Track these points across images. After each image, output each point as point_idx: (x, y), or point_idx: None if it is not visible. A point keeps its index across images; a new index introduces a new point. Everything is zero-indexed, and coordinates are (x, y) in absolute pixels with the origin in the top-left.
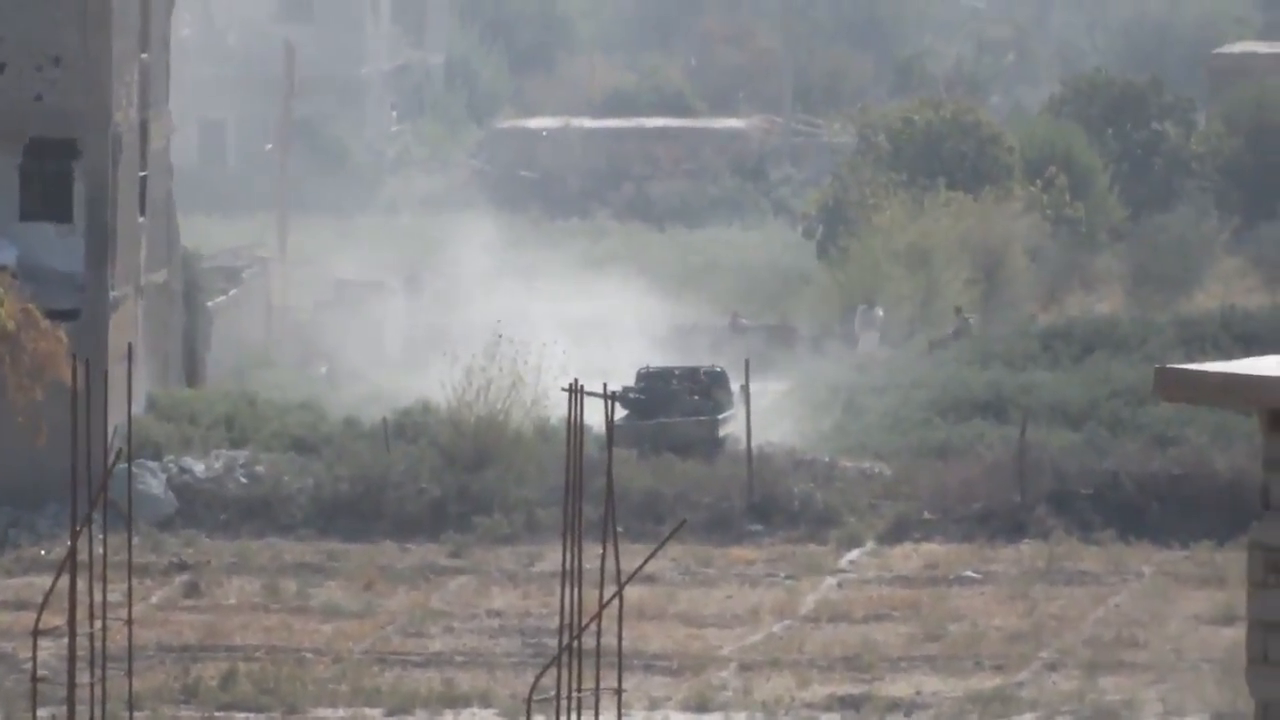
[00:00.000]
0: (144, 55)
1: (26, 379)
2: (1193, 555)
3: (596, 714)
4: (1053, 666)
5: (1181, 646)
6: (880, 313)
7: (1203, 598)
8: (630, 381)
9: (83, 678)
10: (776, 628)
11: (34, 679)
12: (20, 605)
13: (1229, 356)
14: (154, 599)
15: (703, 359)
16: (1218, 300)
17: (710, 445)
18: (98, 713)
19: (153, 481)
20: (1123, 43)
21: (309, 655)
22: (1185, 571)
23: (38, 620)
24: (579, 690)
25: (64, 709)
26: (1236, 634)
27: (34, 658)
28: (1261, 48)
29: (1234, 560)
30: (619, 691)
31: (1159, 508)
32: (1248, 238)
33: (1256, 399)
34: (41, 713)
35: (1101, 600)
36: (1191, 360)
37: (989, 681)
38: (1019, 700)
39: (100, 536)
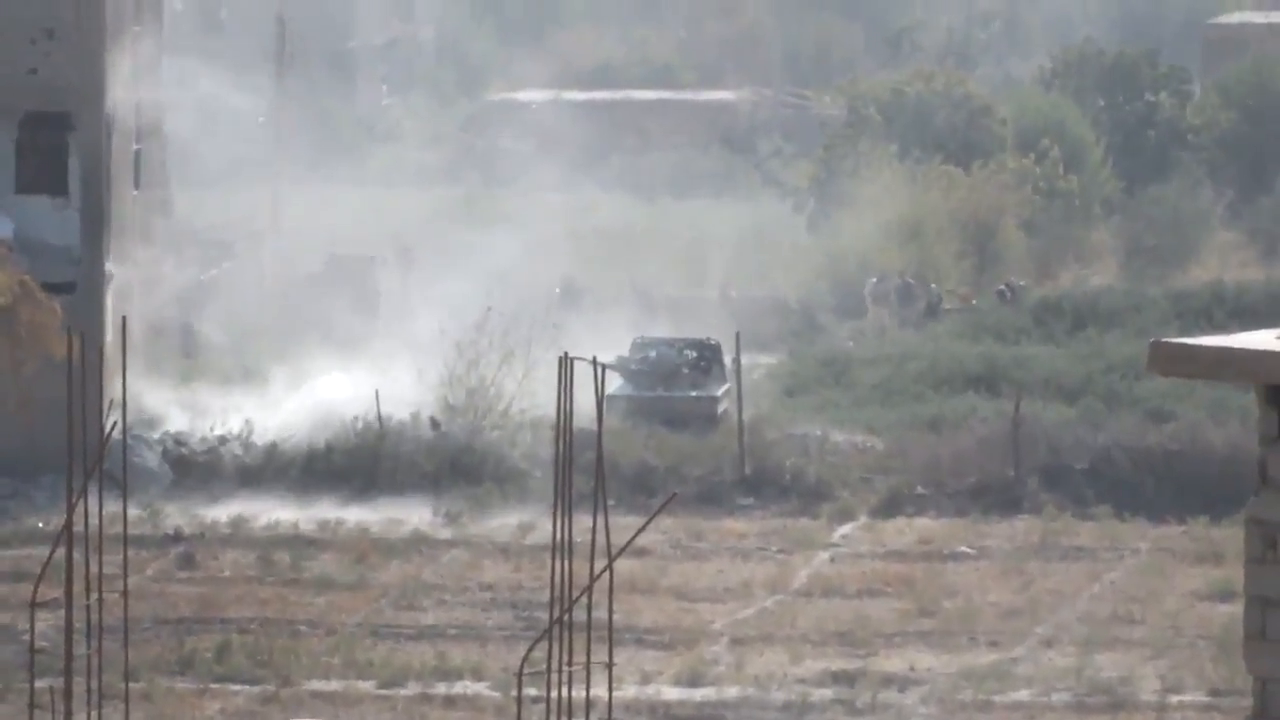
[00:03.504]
0: (137, 28)
1: (21, 351)
2: (1189, 531)
3: (588, 688)
4: (1048, 643)
5: (1178, 623)
6: (894, 283)
7: (1199, 574)
8: (623, 352)
9: (80, 649)
10: (769, 602)
11: (32, 650)
12: (18, 576)
13: (1224, 330)
14: (150, 571)
15: (692, 331)
16: (1213, 274)
17: (708, 421)
18: (94, 683)
19: (148, 454)
20: (1116, 12)
21: (303, 628)
22: (1181, 547)
23: (35, 591)
24: (570, 664)
25: (61, 680)
26: (1234, 610)
27: (31, 629)
28: (1258, 18)
29: (1230, 536)
30: (610, 665)
31: (1154, 483)
32: (1243, 211)
33: (1253, 373)
34: (39, 683)
35: (1097, 576)
36: (1186, 334)
37: (984, 657)
38: (1014, 676)
39: (97, 509)
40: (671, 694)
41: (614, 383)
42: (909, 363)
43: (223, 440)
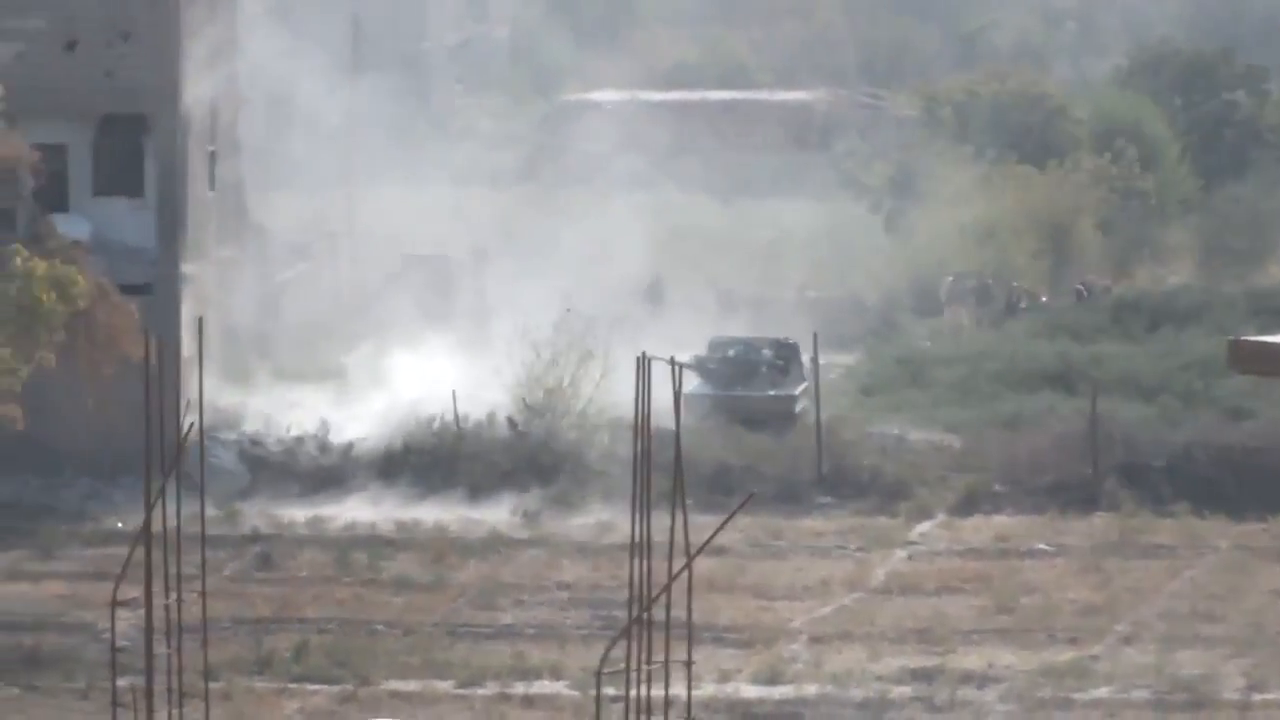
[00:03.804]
0: (211, 30)
1: (98, 354)
2: (1269, 528)
3: (666, 686)
4: (1128, 640)
5: (1260, 620)
6: (972, 283)
7: None
8: (701, 351)
9: (159, 648)
10: (847, 600)
11: (113, 649)
12: (99, 576)
13: None
14: (228, 571)
15: (770, 331)
16: None
17: (786, 420)
18: (175, 683)
19: (225, 455)
20: (1193, 11)
21: (380, 628)
22: (1262, 545)
23: (115, 591)
24: (649, 662)
25: (142, 678)
26: None
27: (112, 628)
28: None
29: None
30: (689, 664)
31: (1234, 481)
32: None
33: None
34: (120, 682)
35: (1176, 573)
36: (1264, 332)
37: (1063, 654)
38: (1094, 673)
39: (175, 509)
40: (750, 692)
41: (692, 382)
42: (986, 362)
43: (300, 441)
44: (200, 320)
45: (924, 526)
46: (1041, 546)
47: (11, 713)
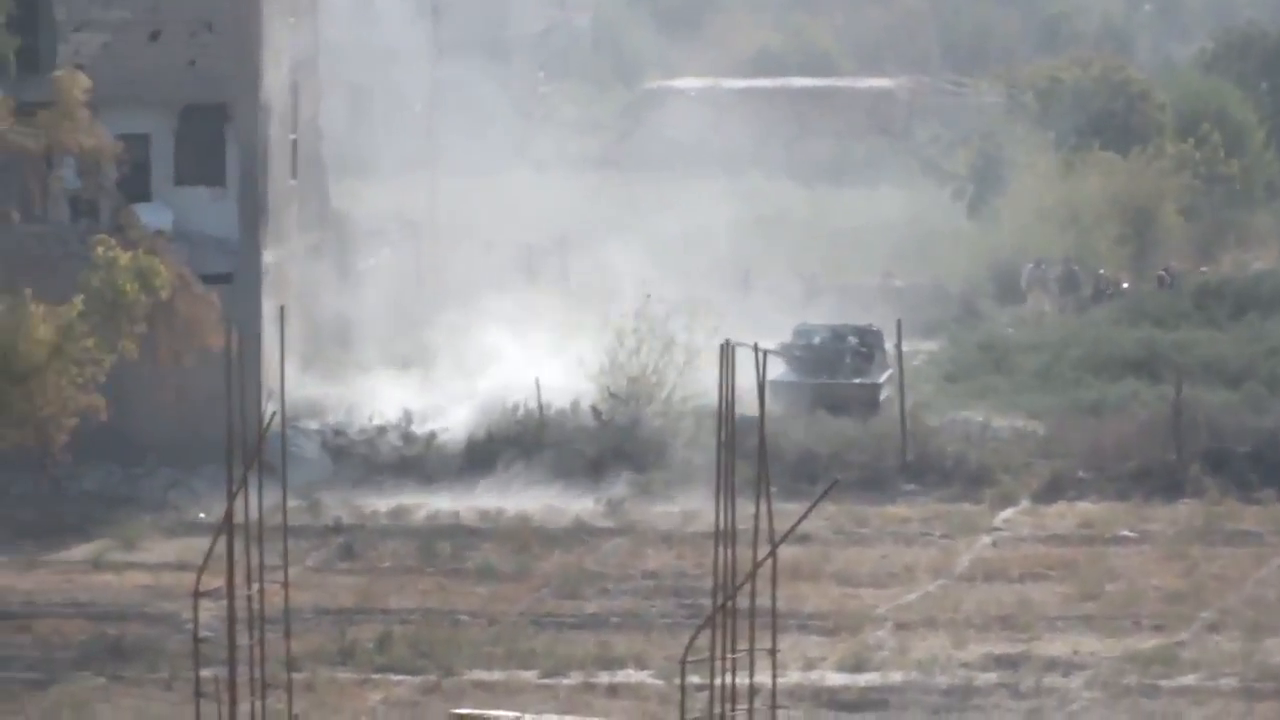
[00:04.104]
0: (292, 19)
1: (179, 343)
2: None
3: (751, 674)
4: (1214, 627)
5: None
6: (1057, 269)
7: None
8: (785, 338)
9: (242, 639)
10: (932, 587)
11: (196, 639)
12: (181, 566)
13: None
14: (310, 561)
15: (854, 318)
16: None
17: (870, 407)
18: (257, 673)
19: (307, 444)
20: None
21: (464, 618)
22: None
23: (198, 582)
24: (734, 651)
25: (225, 669)
26: None
27: (195, 618)
28: None
29: None
30: (774, 652)
31: None
32: None
33: None
34: (204, 672)
35: (1263, 560)
36: None
37: (1148, 641)
38: (1180, 661)
39: (257, 500)
40: (835, 679)
41: (777, 369)
42: (1069, 348)
43: (382, 430)
44: (281, 309)
45: (1008, 513)
46: (1126, 533)
47: (97, 702)
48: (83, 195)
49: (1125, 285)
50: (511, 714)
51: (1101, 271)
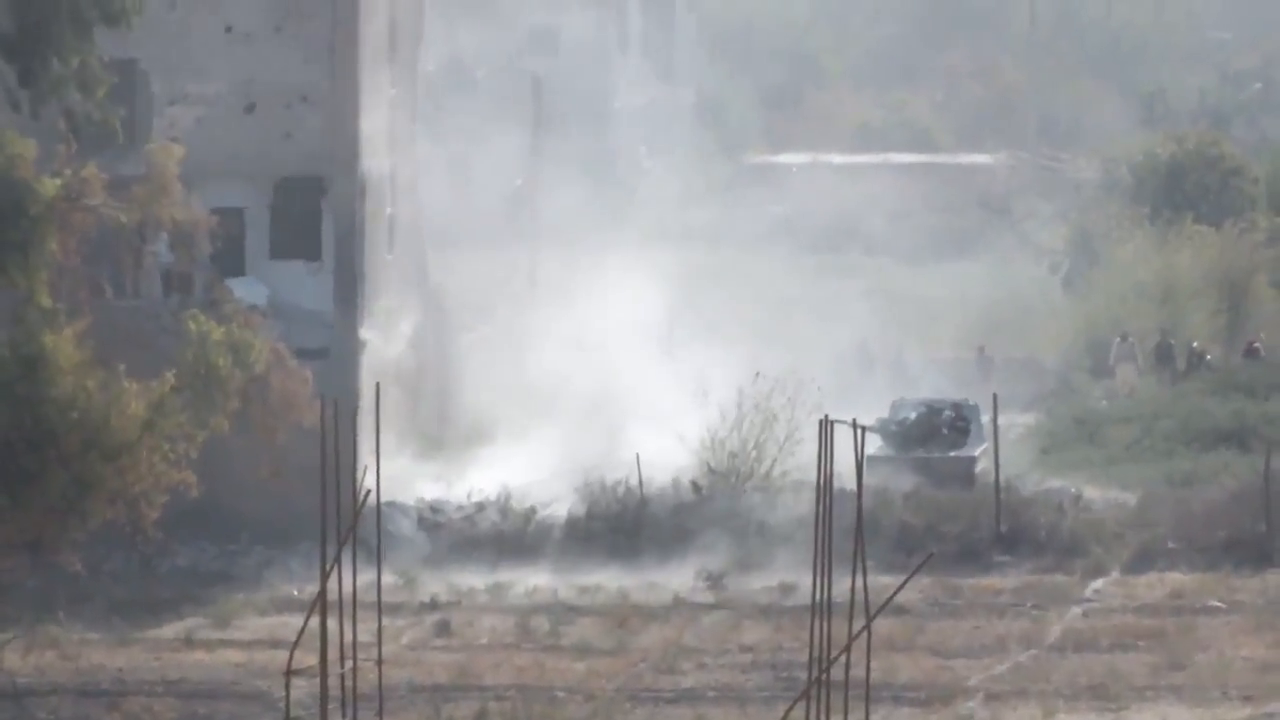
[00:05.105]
0: (391, 91)
1: (273, 419)
2: None
3: None
4: None
5: None
6: (1155, 342)
7: None
8: (882, 413)
9: (335, 717)
10: (1023, 657)
11: (288, 718)
12: (274, 644)
13: None
14: (405, 639)
15: (949, 391)
16: None
17: (965, 481)
18: None
19: (403, 521)
20: None
21: (561, 694)
22: None
23: (290, 659)
24: None
25: None
26: None
27: (287, 697)
28: None
29: None
30: None
31: None
32: None
33: None
34: None
35: None
36: None
37: (1237, 712)
38: None
39: (351, 577)
40: None
41: (873, 444)
42: (1160, 420)
43: (480, 507)
44: (377, 384)
45: (1098, 583)
46: (1215, 603)
47: None
48: (176, 269)
49: (1209, 357)
50: None
51: (1195, 344)
